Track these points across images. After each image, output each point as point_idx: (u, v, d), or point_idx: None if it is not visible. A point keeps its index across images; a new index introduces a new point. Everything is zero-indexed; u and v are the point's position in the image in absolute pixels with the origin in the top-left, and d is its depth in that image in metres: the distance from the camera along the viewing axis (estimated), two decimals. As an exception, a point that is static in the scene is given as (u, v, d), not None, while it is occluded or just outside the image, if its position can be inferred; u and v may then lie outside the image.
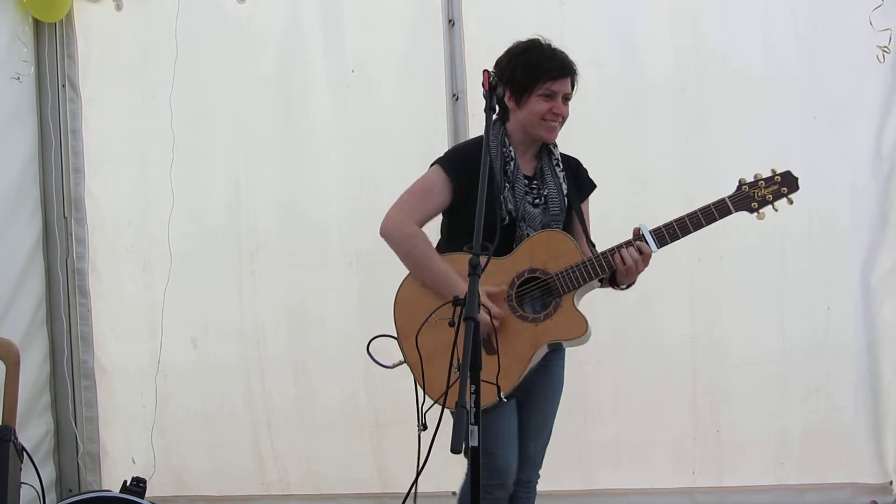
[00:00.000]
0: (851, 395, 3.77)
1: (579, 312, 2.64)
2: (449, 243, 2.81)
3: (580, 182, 2.88)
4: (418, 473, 2.33)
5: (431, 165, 2.81)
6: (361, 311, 4.01)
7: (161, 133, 4.02)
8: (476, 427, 1.99)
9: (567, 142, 2.83)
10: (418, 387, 2.63)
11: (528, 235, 2.70)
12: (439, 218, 2.83)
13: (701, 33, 3.73)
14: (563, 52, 2.73)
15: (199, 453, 4.19)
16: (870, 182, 3.69)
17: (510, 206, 2.70)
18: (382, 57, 3.96)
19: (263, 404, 4.12)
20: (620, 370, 3.86)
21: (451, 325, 2.35)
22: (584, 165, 2.92)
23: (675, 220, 2.63)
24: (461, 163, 2.75)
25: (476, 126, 3.79)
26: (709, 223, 2.63)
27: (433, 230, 2.83)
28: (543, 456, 2.91)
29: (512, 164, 2.74)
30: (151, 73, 4.09)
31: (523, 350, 2.62)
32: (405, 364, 2.74)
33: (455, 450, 1.78)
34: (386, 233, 2.80)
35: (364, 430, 4.04)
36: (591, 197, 2.96)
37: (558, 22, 3.80)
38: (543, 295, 2.66)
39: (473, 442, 1.97)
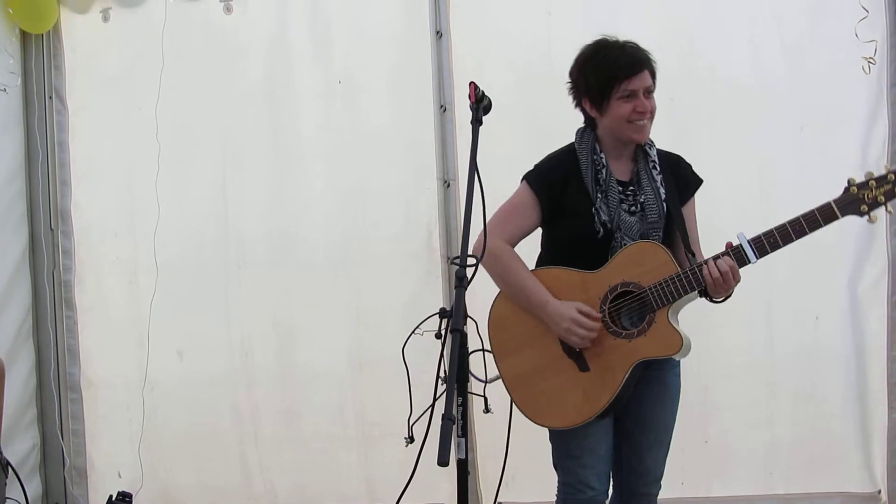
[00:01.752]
0: (840, 405, 3.76)
1: (674, 328, 2.53)
2: (548, 255, 2.74)
3: (683, 180, 2.75)
4: (406, 485, 2.33)
5: (521, 180, 2.73)
6: (348, 323, 4.00)
7: (148, 144, 4.00)
8: (463, 439, 1.98)
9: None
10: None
11: (624, 245, 2.58)
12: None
13: (689, 44, 3.73)
14: (633, 46, 2.63)
15: (186, 467, 4.16)
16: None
17: (604, 216, 2.59)
18: (370, 68, 3.95)
19: (250, 417, 4.09)
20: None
21: (438, 336, 2.39)
22: (687, 160, 2.80)
23: (776, 228, 2.49)
24: (548, 174, 2.68)
25: (463, 137, 3.79)
26: (812, 230, 2.47)
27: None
28: (664, 468, 2.79)
29: (604, 171, 2.64)
30: (138, 83, 4.07)
31: (616, 367, 2.53)
32: (498, 380, 2.66)
33: (442, 462, 1.77)
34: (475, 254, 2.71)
35: (352, 442, 4.02)
36: None
37: (546, 33, 3.80)
38: (639, 309, 2.55)
39: (460, 454, 1.96)
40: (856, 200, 2.48)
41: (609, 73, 2.57)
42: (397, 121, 3.93)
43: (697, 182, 2.79)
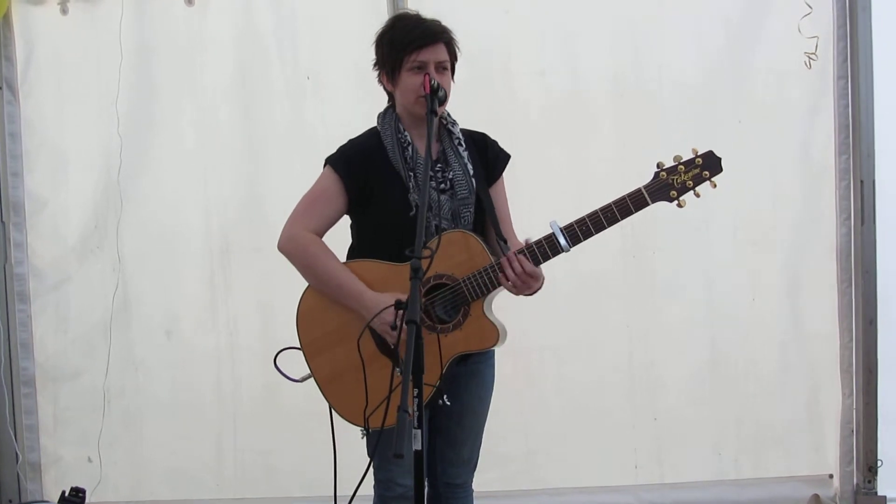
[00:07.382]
0: (792, 389, 3.84)
1: (489, 320, 2.48)
2: (359, 247, 2.65)
3: (491, 157, 2.68)
4: (363, 477, 2.35)
5: (325, 164, 2.62)
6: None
7: (110, 138, 3.96)
8: (420, 431, 1.99)
9: (511, 149, 2.81)
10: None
11: (436, 226, 2.50)
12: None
13: (639, 41, 3.78)
14: (432, 21, 2.55)
15: (146, 461, 4.14)
16: (798, 185, 3.81)
17: (415, 195, 2.49)
18: (336, 64, 3.89)
19: (220, 400, 4.08)
20: (562, 361, 3.90)
21: (394, 328, 2.31)
22: (493, 137, 2.72)
23: (588, 216, 2.41)
24: (352, 156, 2.58)
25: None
26: (624, 217, 2.40)
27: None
28: (478, 457, 2.80)
29: (410, 148, 2.54)
30: (97, 76, 4.00)
31: (433, 362, 2.36)
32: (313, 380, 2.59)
33: (397, 454, 1.75)
34: (282, 248, 2.59)
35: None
36: (534, 197, 2.86)
37: (503, 31, 3.83)
38: (454, 301, 2.47)
39: (416, 446, 1.97)
40: (665, 186, 2.39)
41: (401, 44, 2.50)
42: (363, 116, 3.91)
43: (506, 157, 2.72)
